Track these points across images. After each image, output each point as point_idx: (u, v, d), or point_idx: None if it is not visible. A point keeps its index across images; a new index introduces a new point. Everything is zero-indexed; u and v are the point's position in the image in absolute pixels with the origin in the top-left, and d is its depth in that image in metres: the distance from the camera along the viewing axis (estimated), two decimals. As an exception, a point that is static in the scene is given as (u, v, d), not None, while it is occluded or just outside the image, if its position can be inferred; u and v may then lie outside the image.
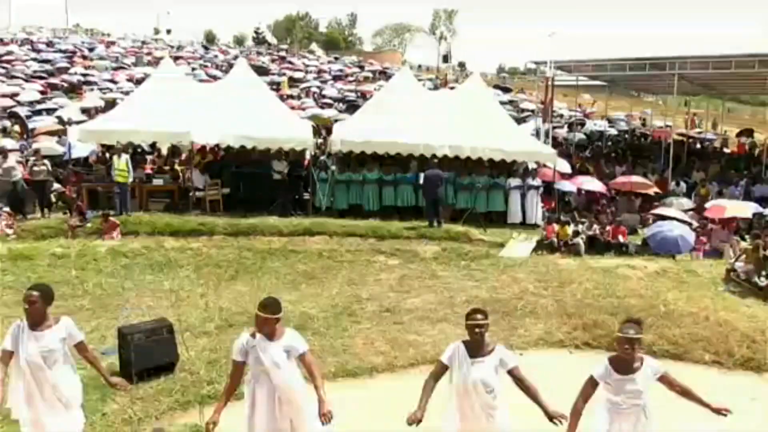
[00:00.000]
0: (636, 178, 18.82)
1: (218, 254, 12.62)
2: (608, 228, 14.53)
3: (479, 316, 4.81)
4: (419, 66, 71.67)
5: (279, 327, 4.89)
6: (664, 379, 4.80)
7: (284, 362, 4.82)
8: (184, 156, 18.98)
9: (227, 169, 16.63)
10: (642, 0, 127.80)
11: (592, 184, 18.25)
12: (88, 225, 13.83)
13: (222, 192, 16.18)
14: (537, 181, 16.55)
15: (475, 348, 4.78)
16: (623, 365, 4.73)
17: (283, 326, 4.97)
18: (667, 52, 21.47)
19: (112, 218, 13.66)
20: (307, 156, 17.07)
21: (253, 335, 4.86)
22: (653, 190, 18.53)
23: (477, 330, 4.75)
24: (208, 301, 10.18)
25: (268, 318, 4.79)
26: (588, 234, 14.30)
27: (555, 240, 13.96)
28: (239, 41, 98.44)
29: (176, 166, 17.83)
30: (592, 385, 4.78)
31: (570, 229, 14.24)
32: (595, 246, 14.01)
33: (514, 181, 16.41)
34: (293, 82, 45.43)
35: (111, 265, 11.81)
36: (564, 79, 28.53)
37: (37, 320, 5.00)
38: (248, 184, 16.41)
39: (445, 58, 65.89)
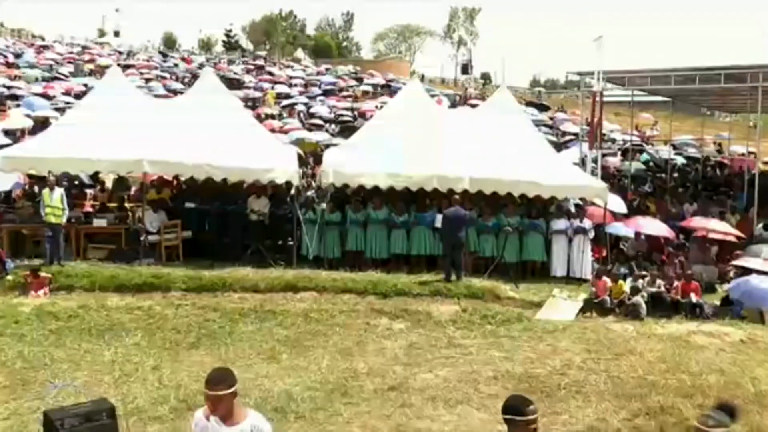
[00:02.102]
0: (711, 221, 18.83)
1: (176, 316, 12.55)
2: (676, 283, 14.47)
3: (532, 407, 4.55)
4: (422, 77, 72.45)
5: (237, 407, 4.84)
6: None
7: None
8: (134, 190, 19.12)
9: (189, 207, 16.72)
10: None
11: (654, 226, 18.27)
12: (9, 278, 13.83)
13: (182, 236, 16.23)
14: (586, 223, 16.60)
15: None
16: None
17: (243, 407, 4.92)
18: (747, 60, 21.71)
19: (43, 274, 13.62)
20: (291, 191, 17.16)
21: (207, 416, 4.81)
22: (734, 235, 18.52)
23: (533, 428, 4.52)
24: (162, 377, 10.10)
25: (220, 396, 4.70)
26: (650, 291, 14.24)
27: (607, 298, 13.89)
28: (206, 46, 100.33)
29: (124, 203, 17.95)
30: None
31: (627, 285, 14.16)
32: (660, 306, 13.91)
33: (558, 223, 16.48)
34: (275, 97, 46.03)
35: (37, 330, 11.73)
36: (616, 95, 28.85)
37: None
38: (215, 225, 16.47)
39: (465, 68, 66.94)
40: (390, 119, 18.19)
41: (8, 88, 39.04)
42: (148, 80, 46.22)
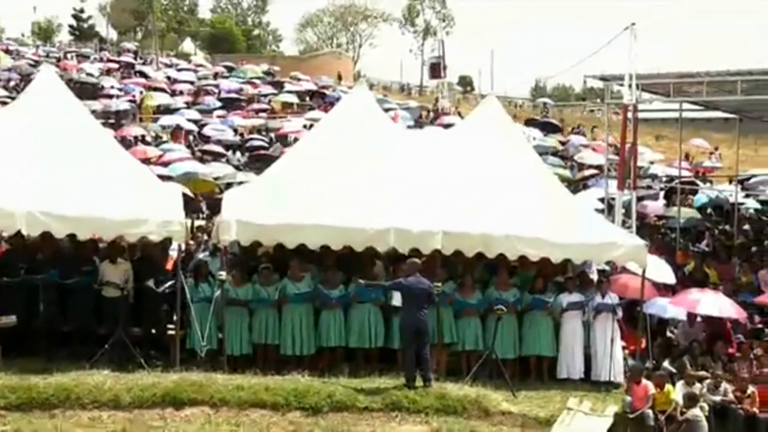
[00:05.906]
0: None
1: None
2: (752, 389, 14.62)
3: None
4: (368, 84, 73.14)
5: None
6: None
7: None
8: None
9: (12, 277, 16.47)
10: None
11: (716, 304, 18.41)
12: None
13: (1, 323, 15.94)
14: (611, 298, 16.76)
15: None
16: None
17: None
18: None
19: None
20: (173, 253, 17.05)
21: None
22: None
23: None
24: None
25: None
26: (713, 400, 14.35)
27: (649, 412, 13.98)
28: (44, 33, 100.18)
29: None
30: None
31: (678, 391, 14.26)
32: (729, 423, 14.03)
33: (570, 297, 16.62)
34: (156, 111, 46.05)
35: None
36: (657, 109, 29.35)
37: None
38: (53, 306, 16.22)
39: (435, 70, 67.60)
40: (324, 145, 18.24)
41: None
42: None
